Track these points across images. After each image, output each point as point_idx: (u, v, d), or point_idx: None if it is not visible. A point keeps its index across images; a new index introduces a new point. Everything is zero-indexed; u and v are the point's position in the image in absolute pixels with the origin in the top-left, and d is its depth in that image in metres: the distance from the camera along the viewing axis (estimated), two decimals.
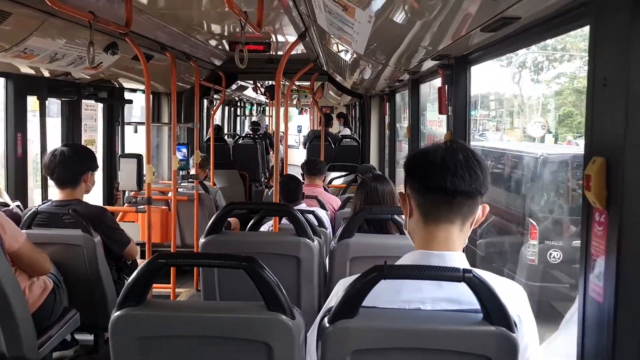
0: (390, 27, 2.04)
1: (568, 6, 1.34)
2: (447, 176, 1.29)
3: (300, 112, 16.96)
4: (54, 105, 4.54)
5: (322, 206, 4.22)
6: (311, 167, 4.67)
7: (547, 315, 5.14)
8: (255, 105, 14.38)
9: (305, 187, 4.20)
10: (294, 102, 13.24)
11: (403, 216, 1.47)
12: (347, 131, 9.87)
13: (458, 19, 1.70)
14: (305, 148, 9.00)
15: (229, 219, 4.99)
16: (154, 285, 4.40)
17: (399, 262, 1.40)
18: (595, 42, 1.11)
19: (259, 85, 9.48)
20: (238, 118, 13.24)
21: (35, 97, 3.89)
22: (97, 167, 3.19)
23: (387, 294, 1.34)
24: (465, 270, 1.25)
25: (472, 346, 1.27)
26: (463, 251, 1.41)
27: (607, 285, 1.07)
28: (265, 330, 1.39)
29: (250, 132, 9.87)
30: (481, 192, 1.33)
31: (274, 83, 4.75)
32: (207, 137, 7.11)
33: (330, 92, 9.57)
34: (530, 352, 1.36)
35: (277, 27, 4.31)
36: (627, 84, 1.01)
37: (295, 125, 16.21)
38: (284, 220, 3.43)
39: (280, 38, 4.83)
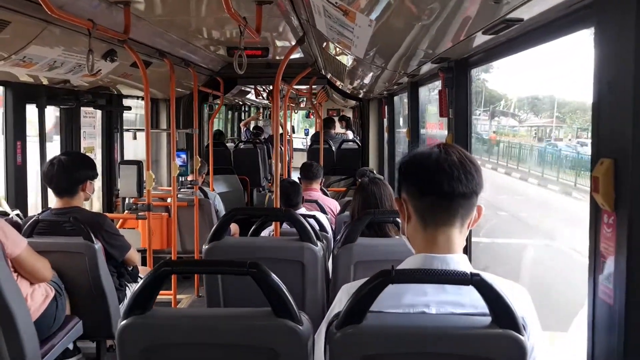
0: (391, 31, 2.04)
1: (572, 8, 1.34)
2: (444, 179, 1.29)
3: (308, 116, 16.97)
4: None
5: (322, 210, 4.22)
6: (307, 171, 4.67)
7: None
8: (261, 109, 14.35)
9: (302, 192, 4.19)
10: (301, 105, 13.25)
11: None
12: (349, 134, 9.88)
13: (459, 22, 1.70)
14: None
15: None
16: None
17: (401, 266, 1.40)
18: (600, 44, 1.12)
19: (260, 89, 9.48)
20: (247, 119, 13.24)
21: (34, 105, 3.89)
22: (96, 175, 3.18)
23: (390, 298, 1.34)
24: (472, 274, 1.25)
25: (482, 349, 1.27)
26: (464, 252, 1.41)
27: (617, 286, 1.07)
28: (273, 336, 1.38)
29: (251, 137, 9.85)
30: (477, 192, 1.33)
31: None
32: (207, 142, 7.10)
33: (335, 95, 9.58)
34: (537, 354, 1.35)
35: (275, 32, 4.31)
36: (633, 84, 1.01)
37: (303, 129, 16.24)
38: (285, 225, 3.42)
39: (278, 43, 4.83)
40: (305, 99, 11.68)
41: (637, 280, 1.03)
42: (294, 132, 11.54)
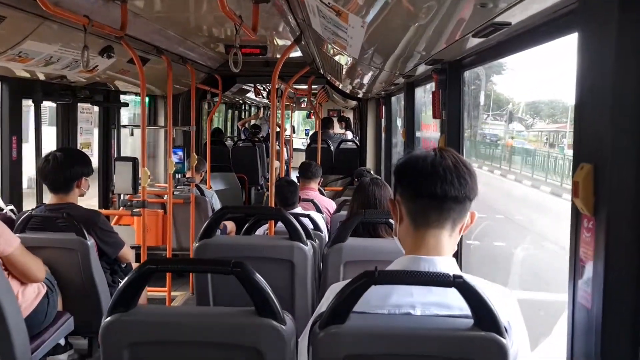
0: (384, 32, 2.05)
1: (556, 13, 1.35)
2: (437, 182, 1.31)
3: (309, 116, 16.96)
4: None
5: (318, 209, 4.23)
6: (305, 171, 4.68)
7: None
8: (262, 108, 14.36)
9: (299, 191, 4.20)
10: (302, 105, 13.23)
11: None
12: (348, 134, 9.90)
13: (450, 25, 1.71)
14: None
15: (225, 223, 5.00)
16: (150, 288, 4.43)
17: (389, 267, 1.41)
18: (582, 50, 1.12)
19: (260, 88, 9.48)
20: (245, 119, 13.23)
21: (30, 100, 3.90)
22: (92, 171, 3.18)
23: (377, 298, 1.35)
24: (455, 276, 1.26)
25: (463, 351, 1.28)
26: (454, 257, 1.42)
27: (595, 291, 1.07)
28: (255, 336, 1.39)
29: (249, 136, 9.86)
30: (470, 198, 1.35)
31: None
32: (206, 140, 7.12)
33: (335, 95, 9.59)
34: (521, 358, 1.36)
35: (273, 30, 4.31)
36: (613, 90, 1.02)
37: (304, 130, 16.23)
38: (280, 224, 3.43)
39: (277, 42, 4.83)
40: (305, 99, 11.67)
41: (614, 284, 1.03)
42: (294, 132, 11.54)
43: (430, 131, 4.30)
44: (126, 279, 1.40)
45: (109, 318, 1.37)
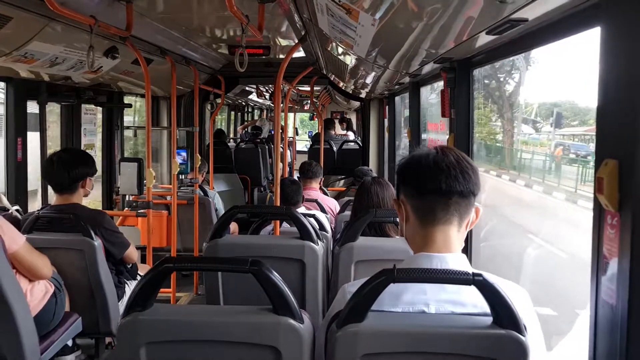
0: (394, 30, 2.04)
1: (577, 8, 1.34)
2: (441, 178, 1.32)
3: (312, 118, 16.97)
4: None
5: (322, 209, 4.22)
6: (306, 170, 4.67)
7: None
8: (264, 110, 14.36)
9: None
10: (305, 107, 13.22)
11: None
12: (350, 135, 9.89)
13: (463, 22, 1.70)
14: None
15: None
16: None
17: (401, 266, 1.40)
18: (606, 44, 1.11)
19: (262, 90, 9.47)
20: (245, 122, 13.23)
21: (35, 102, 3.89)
22: (95, 171, 3.18)
23: (390, 297, 1.35)
24: (474, 274, 1.25)
25: (483, 349, 1.27)
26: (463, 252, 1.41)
27: (620, 287, 1.07)
28: (273, 334, 1.38)
29: (250, 137, 9.85)
30: (474, 192, 1.35)
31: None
32: (209, 141, 7.12)
33: (337, 97, 9.58)
34: (536, 356, 1.35)
35: (277, 31, 4.31)
36: (639, 85, 1.01)
37: (307, 132, 16.20)
38: (284, 225, 3.42)
39: (280, 42, 4.83)
40: (308, 101, 11.66)
41: None
42: (297, 134, 11.54)
43: (437, 131, 4.28)
44: (142, 277, 1.39)
45: (126, 317, 1.37)
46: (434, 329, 1.30)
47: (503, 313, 1.26)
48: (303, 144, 13.92)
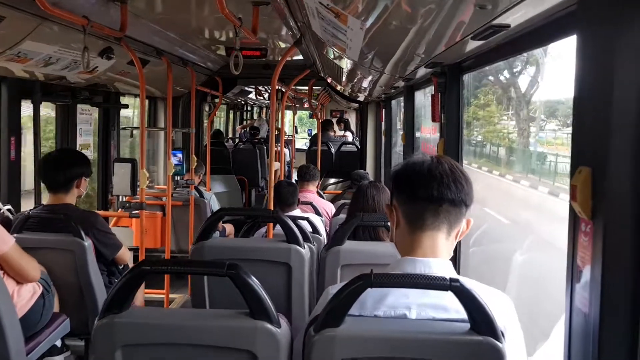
0: (383, 35, 2.04)
1: (555, 15, 1.34)
2: (434, 184, 1.33)
3: (312, 117, 16.99)
4: None
5: (317, 212, 4.22)
6: (304, 173, 4.68)
7: None
8: (263, 108, 14.34)
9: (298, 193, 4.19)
10: (305, 104, 13.21)
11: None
12: (349, 136, 9.88)
13: (449, 28, 1.70)
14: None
15: (225, 225, 4.99)
16: (148, 290, 4.41)
17: (386, 270, 1.40)
18: (581, 52, 1.11)
19: (261, 89, 9.48)
20: (245, 122, 13.23)
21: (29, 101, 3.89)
22: (91, 172, 3.18)
23: (373, 299, 1.35)
24: (452, 280, 1.25)
25: (460, 355, 1.27)
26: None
27: (592, 295, 1.06)
28: (249, 338, 1.37)
29: (248, 138, 9.86)
30: (466, 203, 1.36)
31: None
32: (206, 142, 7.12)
33: (337, 97, 9.57)
34: None
35: (273, 33, 4.31)
36: (612, 93, 1.01)
37: (306, 130, 16.20)
38: (278, 226, 3.42)
39: (277, 44, 4.83)
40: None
41: (612, 289, 1.02)
42: (296, 132, 11.53)
43: (429, 135, 4.25)
44: (120, 279, 1.39)
45: (101, 320, 1.36)
46: (411, 335, 1.29)
47: (480, 319, 1.26)
48: (302, 142, 13.94)
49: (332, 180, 7.25)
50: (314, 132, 12.97)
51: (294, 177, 7.35)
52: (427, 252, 1.36)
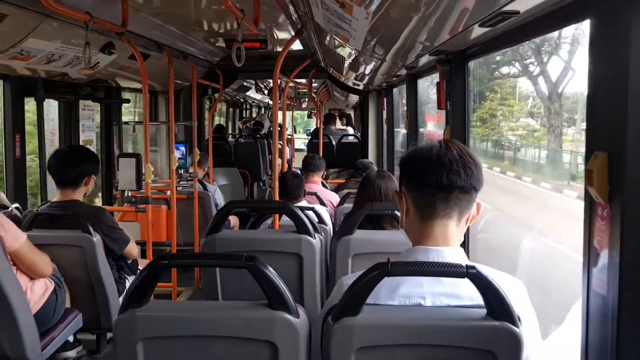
0: (388, 23, 2.04)
1: (568, 0, 1.34)
2: (443, 172, 1.32)
3: (310, 116, 16.94)
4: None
5: (322, 203, 4.22)
6: (309, 164, 4.68)
7: None
8: (263, 108, 14.36)
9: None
10: (303, 105, 13.19)
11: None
12: (350, 131, 9.89)
13: (456, 15, 1.70)
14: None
15: (229, 218, 5.00)
16: None
17: (398, 259, 1.41)
18: (595, 37, 1.12)
19: (261, 85, 9.46)
20: (245, 119, 13.21)
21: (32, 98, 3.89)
22: (99, 171, 3.20)
23: (386, 289, 1.36)
24: (468, 267, 1.26)
25: (477, 341, 1.28)
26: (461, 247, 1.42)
27: (610, 278, 1.08)
28: (269, 329, 1.39)
29: (250, 133, 9.85)
30: (476, 188, 1.35)
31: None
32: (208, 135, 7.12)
33: (336, 93, 9.56)
34: (531, 349, 1.36)
35: (273, 24, 4.30)
36: (628, 78, 1.01)
37: (305, 129, 16.23)
38: (284, 218, 3.43)
39: (277, 35, 4.82)
40: (307, 99, 11.61)
41: (630, 271, 1.03)
42: (295, 132, 11.52)
43: (433, 123, 4.24)
44: (138, 274, 1.40)
45: (122, 314, 1.38)
46: (428, 322, 1.31)
47: (497, 305, 1.27)
48: (300, 142, 13.98)
49: (334, 170, 7.25)
50: (314, 129, 12.94)
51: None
52: (439, 240, 1.37)
